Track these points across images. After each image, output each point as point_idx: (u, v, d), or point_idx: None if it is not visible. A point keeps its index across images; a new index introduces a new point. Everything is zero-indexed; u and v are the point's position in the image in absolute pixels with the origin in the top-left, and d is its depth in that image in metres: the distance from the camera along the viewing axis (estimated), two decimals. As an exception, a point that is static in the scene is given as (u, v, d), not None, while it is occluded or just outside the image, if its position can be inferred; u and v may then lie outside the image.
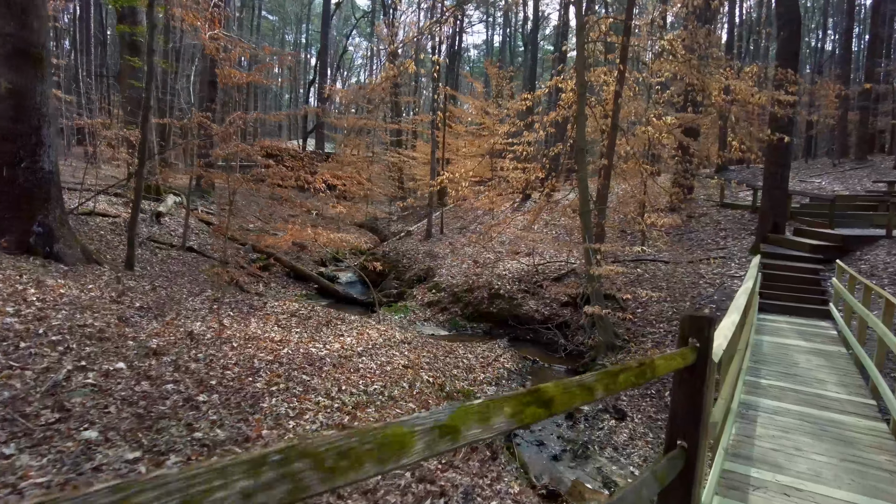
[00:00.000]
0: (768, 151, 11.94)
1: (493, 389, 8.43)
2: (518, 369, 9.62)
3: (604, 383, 1.57)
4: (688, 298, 10.16)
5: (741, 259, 11.73)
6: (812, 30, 42.28)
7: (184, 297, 8.42)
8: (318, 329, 8.11)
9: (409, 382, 6.20)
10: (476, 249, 16.61)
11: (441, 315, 12.96)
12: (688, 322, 2.33)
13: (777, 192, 12.07)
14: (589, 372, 7.51)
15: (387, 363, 6.97)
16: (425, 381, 7.07)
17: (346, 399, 4.69)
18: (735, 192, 18.11)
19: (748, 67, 10.32)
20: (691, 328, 2.32)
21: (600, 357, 9.47)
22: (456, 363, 9.05)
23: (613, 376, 1.64)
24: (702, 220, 15.04)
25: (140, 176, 8.95)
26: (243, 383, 4.42)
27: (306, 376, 5.11)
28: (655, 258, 12.98)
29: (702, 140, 18.68)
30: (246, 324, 7.45)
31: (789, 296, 9.81)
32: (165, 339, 5.23)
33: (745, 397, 5.08)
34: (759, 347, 7.02)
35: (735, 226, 14.21)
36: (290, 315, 8.58)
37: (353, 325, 8.72)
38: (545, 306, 12.52)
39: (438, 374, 8.02)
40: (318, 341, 7.33)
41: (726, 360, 3.87)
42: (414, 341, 9.20)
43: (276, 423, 3.75)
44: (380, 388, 5.37)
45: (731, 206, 15.92)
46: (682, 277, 11.19)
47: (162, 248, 13.37)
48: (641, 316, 10.24)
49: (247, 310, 8.38)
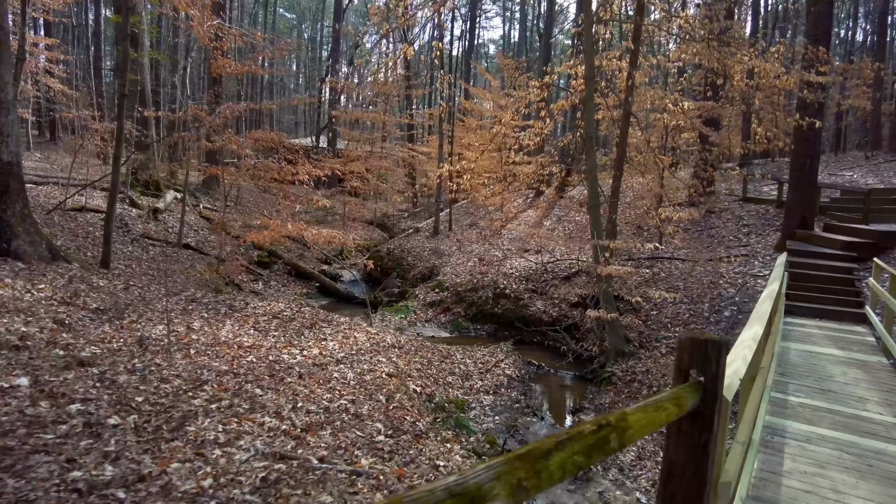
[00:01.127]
0: (796, 140, 11.01)
1: (491, 399, 7.76)
2: (520, 376, 8.91)
3: (510, 484, 0.85)
4: (706, 300, 9.33)
5: (765, 257, 10.84)
6: (842, 20, 40.47)
7: (159, 296, 7.90)
8: (300, 332, 7.52)
9: (387, 395, 5.55)
10: (484, 247, 15.90)
11: (443, 316, 12.30)
12: (688, 348, 1.63)
13: (805, 185, 11.13)
14: (598, 380, 6.73)
15: (368, 371, 6.34)
16: (411, 392, 6.42)
17: (299, 419, 4.07)
18: (759, 187, 17.08)
19: (774, 47, 9.42)
20: (693, 356, 1.62)
21: (609, 363, 8.72)
22: (452, 369, 8.39)
23: (536, 462, 0.93)
24: (723, 216, 14.11)
25: (116, 169, 8.45)
26: (177, 400, 3.83)
27: (260, 390, 4.50)
28: (673, 256, 12.13)
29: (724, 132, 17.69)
30: (218, 327, 6.89)
31: (819, 297, 8.93)
32: (106, 346, 4.66)
33: (771, 419, 4.32)
34: (786, 357, 6.22)
35: (759, 221, 13.26)
36: (273, 317, 8.01)
37: (339, 328, 8.11)
38: (553, 307, 11.78)
39: (430, 383, 7.38)
40: (294, 346, 6.72)
41: (747, 381, 3.14)
42: (407, 345, 8.56)
43: (196, 452, 3.14)
44: (346, 404, 4.73)
45: (755, 200, 14.94)
46: (700, 277, 10.36)
47: (156, 245, 12.94)
48: (656, 319, 9.45)
49: (225, 311, 7.82)
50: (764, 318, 3.25)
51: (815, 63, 8.94)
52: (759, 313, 3.38)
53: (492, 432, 6.83)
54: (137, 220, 13.94)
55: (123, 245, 11.58)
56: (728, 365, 2.23)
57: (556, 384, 9.15)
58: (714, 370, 1.58)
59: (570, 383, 9.12)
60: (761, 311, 3.42)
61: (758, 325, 2.99)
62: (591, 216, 8.95)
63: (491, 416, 7.27)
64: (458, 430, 6.57)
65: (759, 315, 3.30)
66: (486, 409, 7.42)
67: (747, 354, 2.41)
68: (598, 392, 8.31)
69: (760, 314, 3.33)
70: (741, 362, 2.20)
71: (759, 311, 3.47)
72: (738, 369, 2.05)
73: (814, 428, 4.21)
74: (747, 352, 2.45)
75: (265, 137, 11.03)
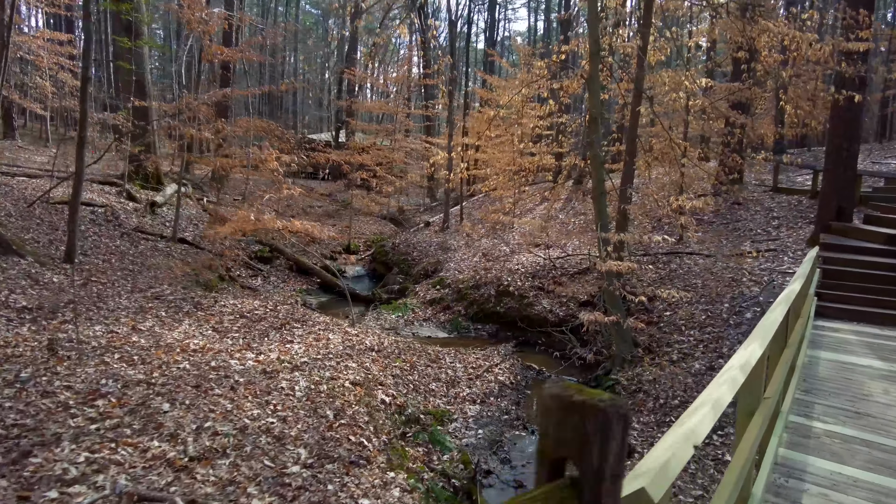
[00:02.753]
0: (832, 121, 9.85)
1: (476, 409, 6.97)
2: (515, 382, 8.09)
3: None
4: (726, 300, 8.33)
5: (796, 252, 9.74)
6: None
7: (121, 293, 7.36)
8: (266, 333, 6.87)
9: (338, 409, 4.83)
10: (493, 242, 15.08)
11: (443, 314, 11.54)
12: (554, 416, 0.83)
13: (843, 172, 9.95)
14: (601, 388, 5.88)
15: (329, 379, 5.63)
16: (376, 403, 5.69)
17: (198, 443, 3.38)
18: (793, 176, 15.77)
19: (806, 14, 8.31)
20: (564, 434, 0.81)
21: (615, 370, 7.83)
22: (438, 375, 7.64)
23: None
24: (751, 208, 12.95)
25: (80, 157, 7.93)
26: (49, 419, 3.19)
27: (169, 405, 3.84)
28: (694, 251, 11.10)
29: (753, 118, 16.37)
30: (171, 327, 6.28)
31: (857, 297, 7.85)
32: (7, 350, 4.06)
33: (787, 454, 3.44)
34: (813, 369, 5.26)
35: (790, 213, 12.08)
36: (241, 315, 7.38)
37: (313, 329, 7.44)
38: (561, 306, 10.89)
39: (406, 391, 6.64)
40: (251, 350, 6.07)
41: (743, 417, 2.31)
42: (390, 347, 7.83)
43: (21, 494, 2.47)
44: (273, 423, 4.03)
45: (787, 190, 13.70)
46: (721, 274, 9.33)
47: (149, 239, 12.52)
48: (669, 320, 8.50)
49: (189, 309, 7.23)
50: (770, 330, 2.40)
51: (856, 29, 7.81)
52: (766, 325, 2.52)
53: (471, 449, 6.05)
54: (133, 213, 13.56)
55: (111, 239, 11.17)
56: (688, 416, 1.41)
57: (556, 392, 8.29)
58: (596, 464, 0.79)
59: (572, 391, 8.26)
60: (768, 322, 2.56)
61: (757, 344, 2.15)
62: (596, 205, 8.06)
63: (474, 428, 6.49)
64: (432, 445, 5.82)
65: (763, 328, 2.44)
66: (470, 420, 6.64)
67: (722, 396, 1.58)
68: (601, 402, 7.43)
69: (766, 326, 2.47)
70: (706, 412, 1.38)
71: (766, 321, 2.60)
72: (696, 429, 1.25)
73: (843, 467, 3.31)
74: (724, 390, 1.62)
75: (254, 125, 10.44)
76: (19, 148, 20.97)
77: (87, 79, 7.82)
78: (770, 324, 2.49)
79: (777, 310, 3.01)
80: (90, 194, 13.33)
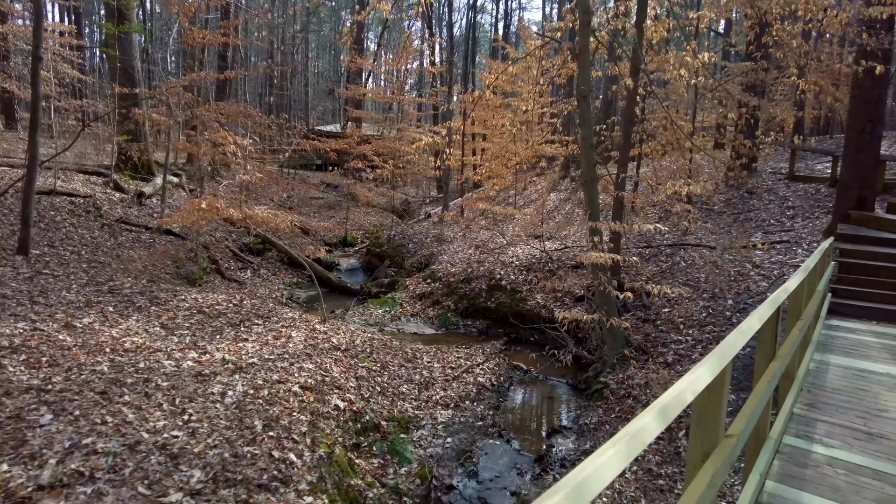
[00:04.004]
0: (853, 102, 9.00)
1: (448, 414, 6.38)
2: (497, 384, 7.47)
3: None
4: (730, 295, 7.59)
5: (811, 244, 8.94)
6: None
7: (72, 287, 6.90)
8: (220, 331, 6.34)
9: (271, 418, 4.27)
10: (490, 234, 14.42)
11: (432, 309, 10.95)
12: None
13: (864, 157, 9.09)
14: (590, 391, 5.18)
15: (276, 383, 5.08)
16: (328, 410, 5.13)
17: (60, 466, 2.84)
18: (811, 164, 14.81)
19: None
20: None
21: (605, 372, 7.16)
22: (411, 376, 7.05)
23: None
24: (764, 197, 12.10)
25: (32, 142, 7.48)
26: None
27: (52, 415, 3.32)
28: (700, 243, 10.33)
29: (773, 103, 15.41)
30: (113, 324, 5.79)
31: (879, 293, 7.08)
32: None
33: (775, 488, 2.78)
34: (821, 377, 4.55)
35: (807, 203, 11.22)
36: (199, 311, 6.87)
37: (275, 326, 6.90)
38: (555, 301, 10.22)
39: (372, 394, 6.07)
40: (196, 349, 5.55)
41: (696, 455, 1.67)
42: (362, 345, 7.27)
43: None
44: (177, 436, 3.48)
45: (805, 178, 12.80)
46: (727, 267, 8.58)
47: (132, 230, 12.14)
48: (667, 318, 7.80)
49: (142, 304, 6.74)
50: (731, 349, 1.75)
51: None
52: (728, 343, 1.85)
53: (435, 460, 5.46)
54: (119, 204, 13.18)
55: (88, 230, 10.78)
56: None
57: (542, 394, 7.66)
58: None
59: (559, 393, 7.62)
60: (732, 338, 1.89)
61: (705, 368, 1.53)
62: (586, 192, 7.37)
63: (443, 436, 5.90)
64: (389, 456, 5.25)
65: (724, 348, 1.78)
66: (440, 427, 6.05)
67: (645, 427, 0.96)
68: (588, 407, 6.79)
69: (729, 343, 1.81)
70: (611, 455, 0.77)
71: (730, 339, 1.93)
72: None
73: (847, 509, 2.65)
74: (648, 421, 0.99)
75: (230, 110, 9.92)
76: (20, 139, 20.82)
77: (38, 58, 7.35)
78: (731, 344, 1.83)
79: (761, 312, 2.35)
80: (73, 184, 12.99)
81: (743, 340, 1.84)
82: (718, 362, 1.61)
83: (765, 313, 2.30)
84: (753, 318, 2.15)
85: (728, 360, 1.69)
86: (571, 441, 6.06)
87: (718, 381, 1.68)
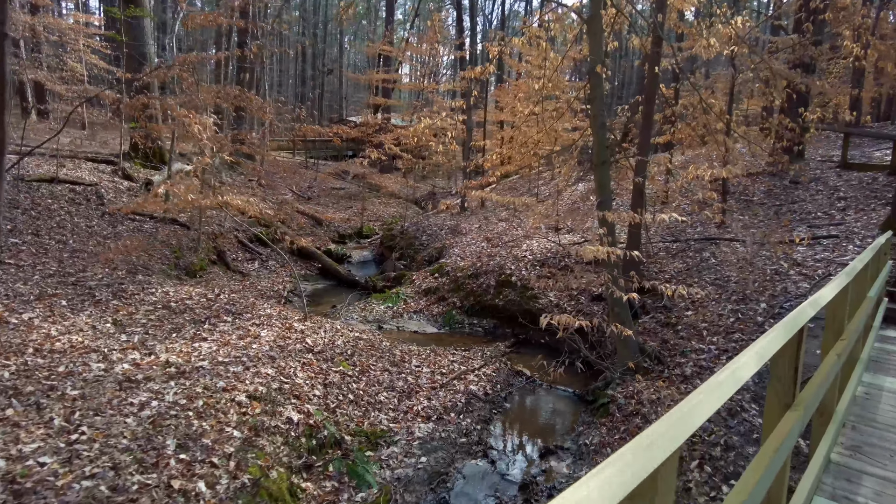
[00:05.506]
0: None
1: (429, 428, 5.64)
2: (492, 393, 6.68)
3: None
4: (763, 298, 6.56)
5: (864, 239, 7.77)
6: None
7: (32, 278, 6.47)
8: (180, 328, 5.78)
9: (191, 436, 3.64)
10: (507, 226, 13.57)
11: (437, 306, 10.21)
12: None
13: (932, 139, 7.84)
14: (597, 404, 4.29)
15: (221, 391, 4.46)
16: (277, 424, 4.47)
17: None
18: (868, 150, 13.29)
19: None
20: None
21: (614, 384, 6.27)
22: (393, 382, 6.35)
23: None
24: (811, 187, 10.82)
25: (1, 123, 7.06)
26: None
27: None
28: (736, 237, 9.22)
29: (824, 80, 13.89)
30: (57, 320, 5.29)
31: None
32: None
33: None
34: (870, 408, 3.60)
35: (861, 193, 9.93)
36: (163, 306, 6.33)
37: (244, 324, 6.30)
38: (570, 300, 9.35)
39: (339, 404, 5.39)
40: (141, 349, 4.99)
41: None
42: (340, 347, 6.61)
43: None
44: (46, 463, 2.88)
45: (859, 166, 11.41)
46: (763, 265, 7.51)
47: (135, 219, 11.84)
48: (689, 322, 6.83)
49: (105, 297, 6.25)
50: (689, 420, 0.95)
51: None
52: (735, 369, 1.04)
53: (403, 483, 4.74)
54: (125, 192, 12.95)
55: (85, 219, 10.50)
56: None
57: (544, 406, 6.84)
58: None
59: (564, 405, 6.78)
60: (681, 416, 1.07)
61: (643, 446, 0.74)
62: (596, 176, 6.48)
63: (417, 454, 5.17)
64: (348, 479, 4.55)
65: (675, 416, 0.97)
66: (416, 443, 5.32)
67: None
68: (591, 423, 5.93)
69: (681, 413, 0.99)
70: None
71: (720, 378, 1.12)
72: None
73: None
74: None
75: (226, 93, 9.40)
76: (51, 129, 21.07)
77: (4, 35, 6.95)
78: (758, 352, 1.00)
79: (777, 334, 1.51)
80: (80, 172, 12.81)
81: (697, 419, 1.01)
82: (662, 454, 0.83)
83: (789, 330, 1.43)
84: (749, 355, 1.31)
85: (673, 448, 0.90)
86: (566, 465, 5.23)
87: (672, 458, 0.90)
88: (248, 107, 9.86)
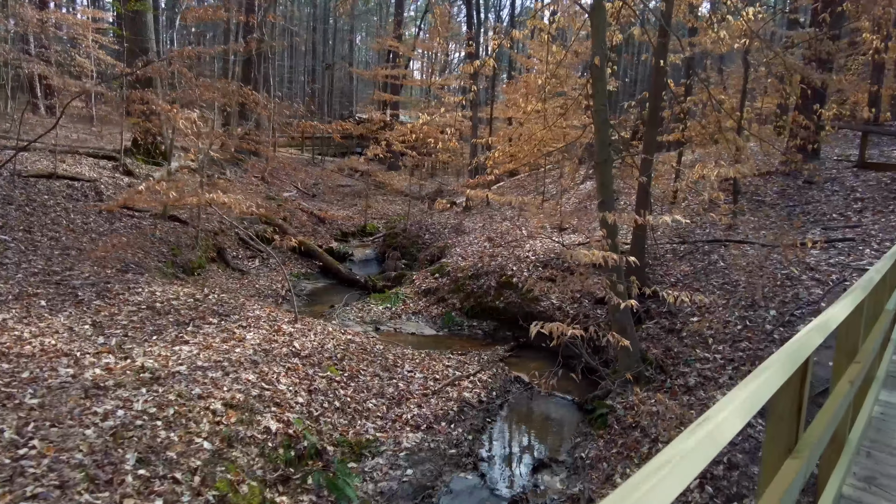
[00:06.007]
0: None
1: (417, 438, 5.40)
2: (487, 400, 6.43)
3: None
4: (774, 304, 6.23)
5: (882, 242, 7.40)
6: None
7: (12, 276, 6.32)
8: (161, 331, 5.59)
9: (154, 449, 3.43)
10: (512, 225, 13.28)
11: (436, 307, 9.97)
12: None
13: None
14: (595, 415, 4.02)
15: (196, 398, 4.25)
16: (253, 434, 4.25)
17: None
18: (888, 150, 12.81)
19: None
20: None
21: (613, 393, 5.99)
22: (383, 388, 6.11)
23: None
24: (826, 187, 10.41)
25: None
26: None
27: None
28: (747, 239, 8.88)
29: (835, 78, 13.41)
30: (32, 321, 5.13)
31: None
32: None
33: None
34: (888, 431, 3.29)
35: (879, 194, 9.51)
36: (148, 306, 6.15)
37: (230, 326, 6.10)
38: (572, 302, 9.07)
39: (323, 412, 5.17)
40: (117, 353, 4.79)
41: None
42: (330, 351, 6.39)
43: None
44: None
45: (878, 166, 10.95)
46: (774, 270, 7.17)
47: (134, 216, 11.71)
48: (694, 329, 6.51)
49: (87, 297, 6.08)
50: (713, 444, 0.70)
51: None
52: (710, 430, 0.78)
53: (386, 498, 4.50)
54: (125, 189, 12.81)
55: (81, 216, 10.38)
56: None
57: (541, 415, 6.57)
58: None
59: (562, 415, 6.51)
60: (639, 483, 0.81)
61: None
62: (598, 175, 6.19)
63: (403, 466, 4.93)
64: (327, 493, 4.32)
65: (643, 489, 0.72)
66: (402, 454, 5.08)
67: None
68: (589, 435, 5.65)
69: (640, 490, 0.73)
70: None
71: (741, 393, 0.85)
72: None
73: None
74: None
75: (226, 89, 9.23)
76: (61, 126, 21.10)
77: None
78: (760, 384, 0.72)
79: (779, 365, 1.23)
80: (80, 168, 12.72)
81: None
82: None
83: (760, 390, 1.15)
84: (732, 407, 1.02)
85: None
86: (560, 479, 4.96)
87: None
88: (248, 103, 9.64)
